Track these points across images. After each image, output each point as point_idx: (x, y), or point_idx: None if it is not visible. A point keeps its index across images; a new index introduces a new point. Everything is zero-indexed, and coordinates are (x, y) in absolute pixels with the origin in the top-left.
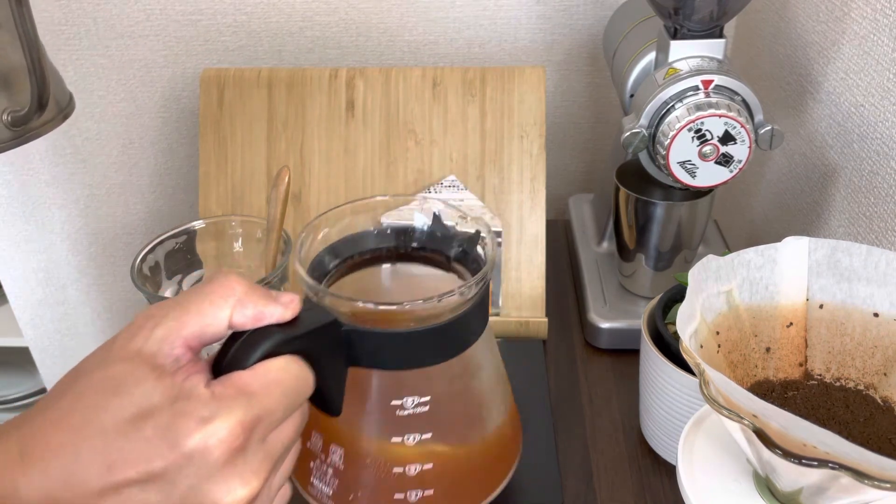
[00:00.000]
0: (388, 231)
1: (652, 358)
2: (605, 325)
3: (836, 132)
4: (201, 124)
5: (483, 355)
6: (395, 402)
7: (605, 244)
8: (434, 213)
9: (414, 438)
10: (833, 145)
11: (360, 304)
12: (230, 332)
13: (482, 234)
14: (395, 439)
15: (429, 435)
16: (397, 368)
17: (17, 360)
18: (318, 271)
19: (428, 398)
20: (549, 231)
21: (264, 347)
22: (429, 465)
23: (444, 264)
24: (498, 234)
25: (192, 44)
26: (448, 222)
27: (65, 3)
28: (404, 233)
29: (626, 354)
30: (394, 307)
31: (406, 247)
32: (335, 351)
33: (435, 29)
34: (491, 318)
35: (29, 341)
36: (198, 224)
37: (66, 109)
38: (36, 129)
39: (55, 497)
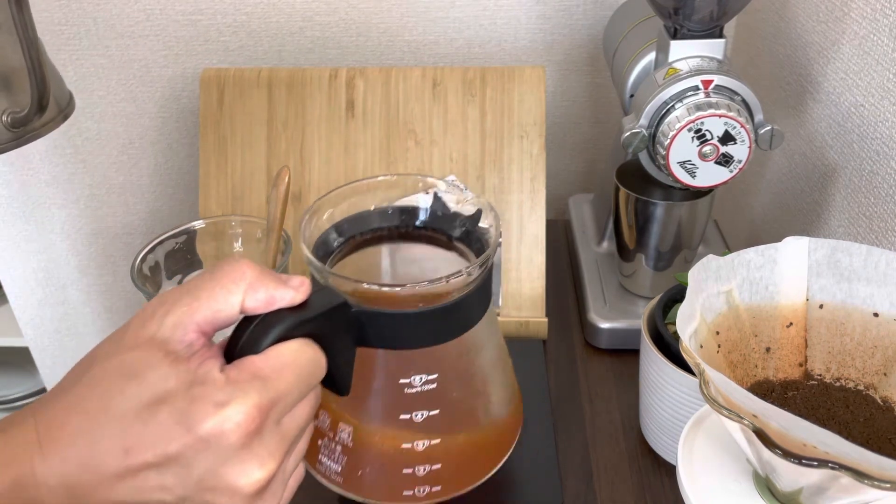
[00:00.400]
0: (391, 211)
1: (652, 358)
2: (605, 325)
3: (836, 132)
4: (201, 124)
5: (486, 333)
6: (403, 381)
7: (605, 244)
8: (435, 193)
9: (422, 415)
10: (833, 145)
11: (366, 286)
12: (242, 316)
13: (483, 212)
14: (404, 416)
15: (436, 411)
16: (405, 348)
17: (17, 360)
18: (323, 250)
19: (435, 376)
20: (549, 231)
21: (277, 331)
22: (436, 441)
23: (446, 244)
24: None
25: (192, 44)
26: (450, 202)
27: (65, 4)
28: (407, 212)
29: (626, 354)
30: (398, 289)
31: (409, 226)
32: (344, 332)
33: (435, 29)
34: None
35: (29, 341)
36: (198, 224)
37: (66, 110)
38: (36, 129)
39: (73, 482)
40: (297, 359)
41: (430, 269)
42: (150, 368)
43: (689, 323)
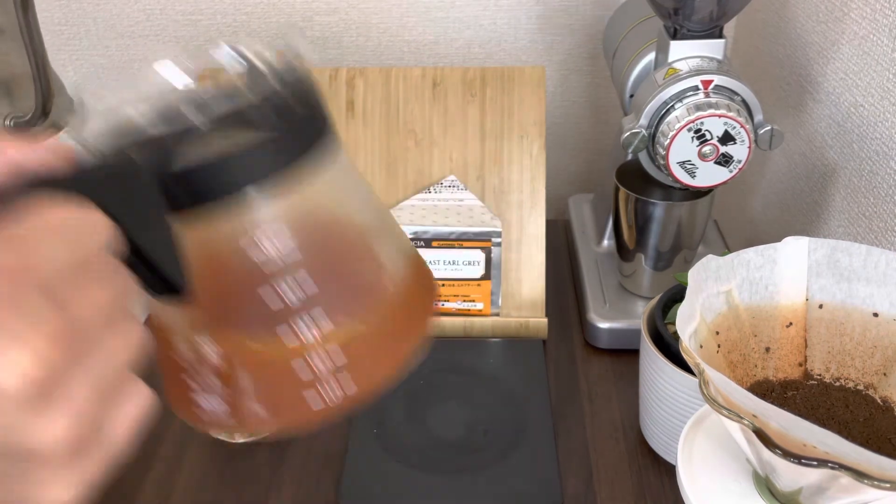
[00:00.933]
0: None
1: (652, 358)
2: (604, 324)
3: (836, 132)
4: None
5: (341, 184)
6: (257, 255)
7: (604, 244)
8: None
9: (299, 296)
10: (832, 145)
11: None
12: None
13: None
14: (277, 305)
15: (315, 290)
16: (224, 194)
17: None
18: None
19: (294, 241)
20: (549, 231)
21: (24, 195)
22: (328, 326)
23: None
24: (498, 234)
25: (192, 44)
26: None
27: (65, 4)
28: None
29: (625, 354)
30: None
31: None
32: (143, 200)
33: (435, 29)
34: (491, 318)
35: None
36: None
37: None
38: (38, 135)
39: None
40: (60, 217)
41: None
42: None
43: (688, 323)
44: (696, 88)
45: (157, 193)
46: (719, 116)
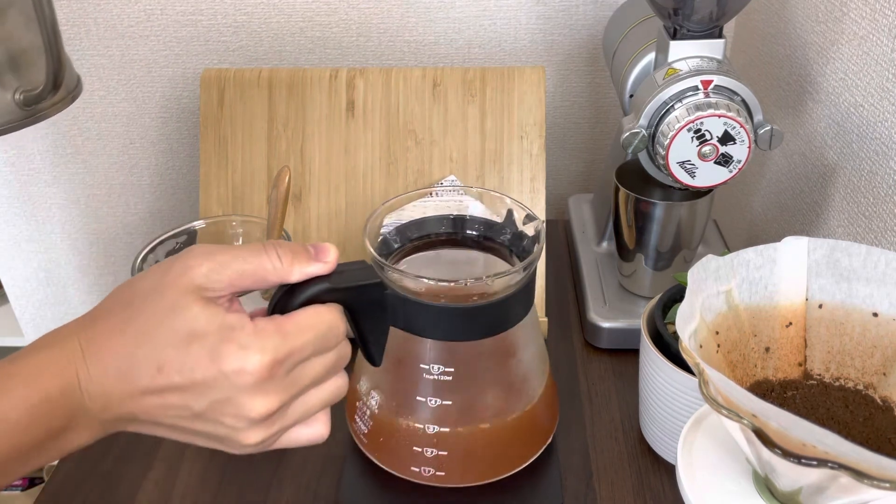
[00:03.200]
0: (447, 219)
1: (651, 358)
2: (604, 324)
3: (835, 132)
4: (202, 124)
5: (519, 342)
6: (423, 366)
7: (604, 244)
8: (509, 210)
9: (435, 402)
10: (832, 145)
11: (425, 281)
12: (272, 282)
13: (532, 223)
14: (420, 398)
15: (449, 402)
16: (431, 337)
17: None
18: (385, 249)
19: (452, 370)
20: (549, 231)
21: (303, 297)
22: (445, 429)
23: (496, 250)
24: None
25: (192, 44)
26: (518, 220)
27: (65, 4)
28: (461, 221)
29: (625, 354)
30: (449, 284)
31: (461, 233)
32: (377, 309)
33: (435, 29)
34: None
35: (30, 341)
36: (198, 224)
37: (74, 91)
38: (46, 109)
39: (108, 390)
40: (317, 322)
41: (476, 272)
42: (186, 307)
43: (688, 323)
44: (695, 88)
45: (389, 309)
46: (719, 116)
